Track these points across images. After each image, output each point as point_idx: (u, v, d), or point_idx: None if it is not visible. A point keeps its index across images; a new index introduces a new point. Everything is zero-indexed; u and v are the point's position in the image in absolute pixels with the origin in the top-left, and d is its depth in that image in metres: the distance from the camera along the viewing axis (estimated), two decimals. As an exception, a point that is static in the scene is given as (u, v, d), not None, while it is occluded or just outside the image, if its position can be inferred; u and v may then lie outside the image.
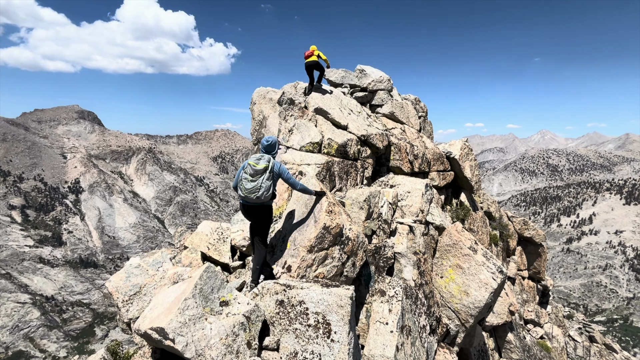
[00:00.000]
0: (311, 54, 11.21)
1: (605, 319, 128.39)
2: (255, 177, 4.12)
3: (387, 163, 10.02)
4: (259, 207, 4.30)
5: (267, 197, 4.15)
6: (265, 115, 8.70)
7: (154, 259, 4.48)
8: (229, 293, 3.24)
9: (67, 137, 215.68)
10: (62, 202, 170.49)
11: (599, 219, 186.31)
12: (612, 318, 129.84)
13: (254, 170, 4.13)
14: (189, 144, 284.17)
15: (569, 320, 18.13)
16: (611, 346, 16.26)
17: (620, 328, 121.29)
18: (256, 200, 4.13)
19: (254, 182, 4.11)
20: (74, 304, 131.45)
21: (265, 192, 4.11)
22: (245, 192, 4.13)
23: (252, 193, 4.09)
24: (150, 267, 4.34)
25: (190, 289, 2.90)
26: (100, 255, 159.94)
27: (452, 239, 6.67)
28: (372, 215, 5.84)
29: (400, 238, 6.01)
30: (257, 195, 4.08)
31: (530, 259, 14.57)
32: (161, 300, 3.12)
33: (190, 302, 2.81)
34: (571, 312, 21.63)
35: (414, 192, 6.90)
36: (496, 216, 13.26)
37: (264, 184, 4.10)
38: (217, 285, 3.19)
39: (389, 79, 12.15)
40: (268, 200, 4.29)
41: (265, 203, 4.29)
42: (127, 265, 4.52)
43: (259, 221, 4.41)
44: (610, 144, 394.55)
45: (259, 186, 4.08)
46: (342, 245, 4.60)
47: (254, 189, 4.09)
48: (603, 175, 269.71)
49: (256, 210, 4.31)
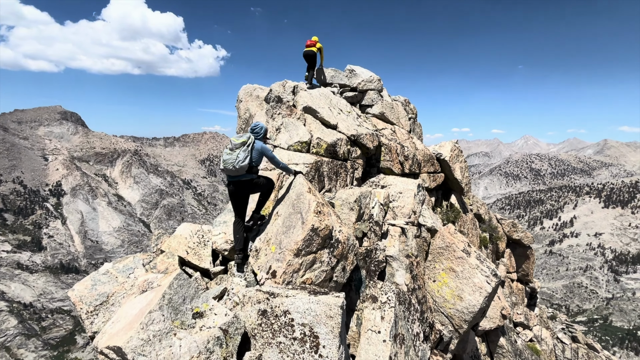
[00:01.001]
0: (313, 44, 11.11)
1: (586, 319, 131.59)
2: (233, 151, 4.45)
3: (378, 164, 9.78)
4: (243, 182, 4.59)
5: (242, 167, 4.40)
6: (251, 114, 8.34)
7: (124, 265, 4.04)
8: (204, 303, 2.88)
9: (48, 139, 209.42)
10: (43, 206, 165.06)
11: (579, 222, 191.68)
12: (593, 318, 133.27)
13: (233, 145, 4.48)
14: (176, 147, 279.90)
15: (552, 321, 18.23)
16: (593, 346, 16.38)
17: (600, 328, 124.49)
18: (233, 171, 4.40)
19: (230, 155, 4.44)
20: (54, 311, 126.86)
21: (241, 162, 4.37)
22: (223, 163, 4.46)
23: (229, 163, 4.39)
24: (120, 274, 3.91)
25: (156, 299, 2.53)
26: (82, 260, 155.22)
27: (444, 242, 6.43)
28: (362, 216, 5.55)
29: (392, 240, 5.73)
30: (233, 165, 4.36)
31: (518, 261, 14.54)
32: (125, 313, 2.73)
33: (155, 315, 2.44)
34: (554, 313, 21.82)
35: (406, 193, 6.64)
36: (486, 218, 13.18)
37: (240, 155, 4.40)
38: (191, 294, 2.83)
39: (379, 79, 11.96)
40: (249, 174, 4.60)
41: (246, 177, 4.59)
42: (95, 272, 4.09)
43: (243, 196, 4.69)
44: (589, 149, 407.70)
45: (236, 157, 4.38)
46: (332, 248, 4.28)
47: (230, 159, 4.40)
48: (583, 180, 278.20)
49: (242, 184, 4.59)
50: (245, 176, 4.61)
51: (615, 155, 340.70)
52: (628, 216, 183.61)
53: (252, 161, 4.57)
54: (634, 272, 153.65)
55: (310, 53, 11.25)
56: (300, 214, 4.30)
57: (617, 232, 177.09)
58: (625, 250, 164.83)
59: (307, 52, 11.25)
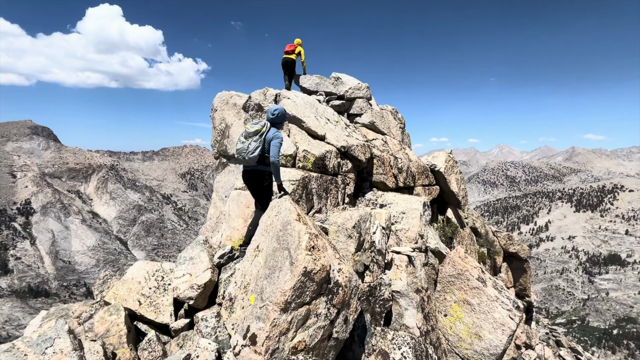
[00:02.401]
0: (292, 50, 10.21)
1: (565, 320, 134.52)
2: (247, 139, 4.16)
3: (370, 178, 8.91)
4: (253, 172, 4.30)
5: (252, 157, 4.12)
6: (227, 124, 7.32)
7: (41, 335, 2.83)
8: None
9: (17, 155, 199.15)
10: (10, 226, 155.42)
11: (554, 226, 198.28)
12: (571, 319, 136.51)
13: (247, 133, 4.20)
14: (155, 161, 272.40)
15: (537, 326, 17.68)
16: (576, 349, 15.90)
17: (578, 328, 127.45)
18: (244, 161, 4.17)
19: (243, 144, 4.15)
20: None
21: (251, 153, 4.10)
22: (236, 152, 4.19)
23: (241, 153, 4.14)
24: (33, 349, 2.75)
25: None
26: (52, 282, 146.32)
27: (456, 268, 5.53)
28: (363, 244, 4.58)
29: (398, 272, 4.77)
30: (243, 156, 4.12)
31: (515, 275, 13.89)
32: None
33: None
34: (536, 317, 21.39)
35: (410, 213, 5.73)
36: (482, 232, 12.49)
37: (251, 145, 4.11)
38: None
39: (367, 87, 11.22)
40: (260, 165, 4.25)
41: (258, 167, 4.27)
42: None
43: (255, 186, 4.41)
44: (559, 156, 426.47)
45: (247, 146, 4.11)
46: (330, 295, 3.27)
47: (242, 149, 4.13)
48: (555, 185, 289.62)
49: (251, 175, 4.33)
50: (258, 167, 4.29)
51: (583, 162, 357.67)
52: (598, 219, 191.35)
53: (265, 152, 4.20)
54: (606, 272, 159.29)
55: (289, 60, 10.41)
56: (288, 251, 3.29)
57: (588, 234, 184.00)
58: (597, 252, 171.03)
59: (285, 59, 10.41)
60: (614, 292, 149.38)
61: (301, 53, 10.44)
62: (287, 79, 10.65)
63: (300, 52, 10.41)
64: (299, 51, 10.37)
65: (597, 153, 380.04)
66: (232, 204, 5.43)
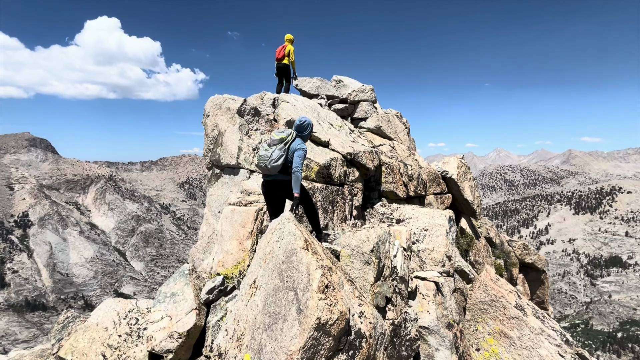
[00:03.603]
0: (282, 55, 9.45)
1: (568, 324, 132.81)
2: (270, 147, 4.01)
3: (378, 187, 8.13)
4: (275, 182, 4.14)
5: (274, 167, 3.95)
6: (220, 130, 6.56)
7: None
8: None
9: (15, 167, 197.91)
10: (7, 239, 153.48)
11: (554, 229, 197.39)
12: (575, 323, 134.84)
13: (272, 140, 4.06)
14: (153, 171, 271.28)
15: None
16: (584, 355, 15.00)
17: (582, 332, 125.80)
18: (265, 169, 4.00)
19: (266, 152, 4.00)
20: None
21: (274, 162, 3.95)
22: (257, 159, 4.04)
23: (262, 161, 3.99)
24: None
25: None
26: (50, 295, 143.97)
27: (488, 294, 4.73)
28: (382, 271, 3.78)
29: (425, 303, 3.97)
30: (264, 164, 3.97)
31: (532, 287, 13.04)
32: None
33: None
34: None
35: (434, 230, 4.93)
36: (497, 242, 11.68)
37: (275, 153, 3.97)
38: None
39: (372, 89, 10.51)
40: (282, 174, 4.09)
41: (279, 177, 4.11)
42: None
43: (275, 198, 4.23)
44: (556, 159, 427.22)
45: (270, 154, 3.96)
46: (352, 350, 2.47)
47: (264, 157, 3.98)
48: (553, 188, 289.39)
49: (272, 185, 4.16)
50: (278, 176, 4.11)
51: (580, 164, 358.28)
52: (597, 221, 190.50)
53: (288, 161, 4.05)
54: (607, 275, 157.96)
55: (281, 67, 9.69)
56: (294, 293, 2.49)
57: (588, 237, 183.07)
58: (598, 254, 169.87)
59: (277, 66, 9.71)
60: (616, 294, 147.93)
61: (290, 52, 9.64)
62: (279, 86, 9.94)
63: (290, 51, 9.61)
64: (289, 50, 9.59)
65: (594, 155, 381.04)
66: (225, 222, 4.63)
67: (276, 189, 4.15)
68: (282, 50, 9.55)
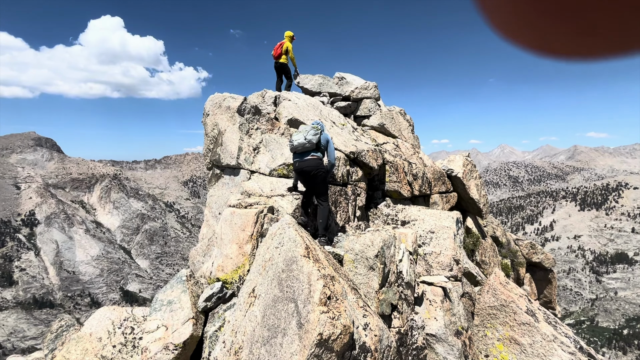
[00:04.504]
0: (279, 53, 9.24)
1: (573, 321, 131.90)
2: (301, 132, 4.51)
3: (382, 186, 7.96)
4: (311, 160, 4.46)
5: (312, 139, 4.42)
6: (220, 129, 6.42)
7: None
8: None
9: (21, 166, 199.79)
10: (14, 237, 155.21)
11: (559, 225, 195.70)
12: (580, 320, 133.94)
13: (304, 128, 4.58)
14: (157, 169, 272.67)
15: None
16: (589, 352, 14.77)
17: (587, 329, 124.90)
18: (304, 144, 4.41)
19: (299, 134, 4.49)
20: (26, 351, 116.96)
21: (312, 135, 4.43)
22: (294, 141, 4.44)
23: (298, 141, 4.42)
24: None
25: None
26: (57, 293, 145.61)
27: (497, 298, 4.56)
28: (388, 277, 3.62)
29: (432, 309, 3.81)
30: (304, 137, 4.41)
31: (539, 287, 12.84)
32: None
33: None
34: None
35: (441, 233, 4.76)
36: (503, 241, 11.48)
37: (310, 132, 4.48)
38: None
39: (375, 86, 10.31)
40: (316, 152, 4.52)
41: (314, 155, 4.49)
42: None
43: (313, 176, 4.49)
44: (561, 155, 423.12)
45: (305, 133, 4.47)
46: (355, 366, 2.32)
47: (299, 136, 4.44)
48: (558, 184, 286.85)
49: (308, 163, 4.46)
50: (314, 154, 4.51)
51: (586, 160, 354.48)
52: (603, 217, 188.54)
53: (320, 143, 4.57)
54: (613, 271, 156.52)
55: (278, 65, 9.50)
56: (295, 305, 2.35)
57: (594, 233, 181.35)
58: (604, 250, 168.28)
59: (276, 65, 9.53)
60: (622, 291, 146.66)
61: (289, 49, 9.42)
62: (278, 83, 9.76)
63: (288, 47, 9.39)
64: (286, 47, 9.36)
65: (600, 151, 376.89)
66: (224, 225, 4.50)
67: (312, 167, 4.43)
68: (279, 48, 9.34)
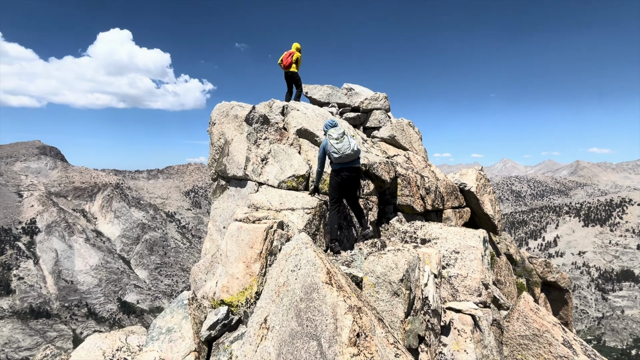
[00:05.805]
0: (289, 63, 8.97)
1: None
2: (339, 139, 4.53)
3: (394, 200, 7.61)
4: (358, 169, 4.72)
5: (358, 149, 4.61)
6: (227, 139, 6.13)
7: None
8: None
9: (24, 174, 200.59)
10: (14, 245, 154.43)
11: (562, 241, 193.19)
12: (587, 339, 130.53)
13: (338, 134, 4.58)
14: (159, 179, 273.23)
15: None
16: None
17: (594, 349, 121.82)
18: (352, 155, 4.53)
19: (341, 142, 4.52)
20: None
21: (355, 146, 4.60)
22: (341, 149, 4.47)
23: (345, 151, 4.47)
24: None
25: None
26: (54, 303, 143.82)
27: (529, 327, 4.13)
28: (413, 304, 3.24)
29: (461, 340, 3.40)
30: (348, 153, 4.49)
31: (555, 308, 12.26)
32: None
33: None
34: None
35: (466, 253, 4.36)
36: (517, 259, 11.01)
37: (351, 140, 4.60)
38: None
39: (385, 97, 10.07)
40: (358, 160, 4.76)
41: (358, 164, 4.74)
42: None
43: (357, 183, 4.85)
44: (564, 170, 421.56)
45: (348, 142, 4.55)
46: (390, 421, 1.93)
47: (344, 145, 4.50)
48: (561, 200, 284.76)
49: (356, 171, 4.71)
50: (358, 162, 4.72)
51: (589, 176, 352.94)
52: (607, 234, 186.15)
53: None
54: (620, 289, 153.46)
55: (289, 74, 9.19)
56: (318, 343, 1.97)
57: (599, 250, 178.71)
58: (609, 267, 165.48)
59: (287, 73, 9.21)
60: (629, 309, 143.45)
61: (298, 60, 9.16)
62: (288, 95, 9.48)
63: (298, 58, 9.13)
64: (296, 58, 9.09)
65: (603, 167, 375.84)
66: (230, 241, 4.14)
67: (358, 174, 4.68)
68: (289, 57, 9.05)
